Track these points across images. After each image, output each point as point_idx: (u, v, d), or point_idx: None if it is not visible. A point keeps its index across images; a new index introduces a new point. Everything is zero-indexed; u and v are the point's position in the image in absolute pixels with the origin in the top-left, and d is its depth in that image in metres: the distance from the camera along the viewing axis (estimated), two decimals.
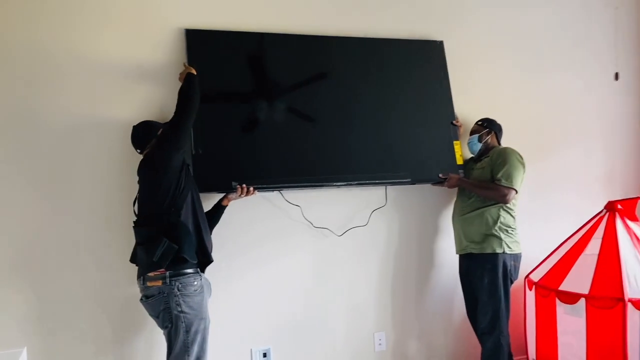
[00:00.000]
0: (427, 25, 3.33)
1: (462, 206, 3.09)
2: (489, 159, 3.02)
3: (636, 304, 2.69)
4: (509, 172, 2.90)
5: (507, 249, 2.93)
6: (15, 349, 2.27)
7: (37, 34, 2.62)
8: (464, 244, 3.05)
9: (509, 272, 2.96)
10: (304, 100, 2.98)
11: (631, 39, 3.69)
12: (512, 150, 2.99)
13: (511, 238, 2.97)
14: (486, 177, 2.99)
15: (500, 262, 2.92)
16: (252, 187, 2.74)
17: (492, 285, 2.94)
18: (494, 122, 3.16)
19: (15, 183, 2.59)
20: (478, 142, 3.11)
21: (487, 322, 2.97)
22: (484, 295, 2.97)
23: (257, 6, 2.98)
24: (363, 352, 3.19)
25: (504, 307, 2.95)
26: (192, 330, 2.39)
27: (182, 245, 2.36)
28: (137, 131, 2.54)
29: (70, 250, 2.67)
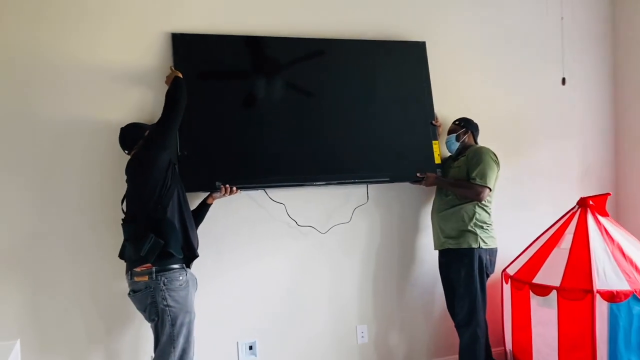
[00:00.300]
0: (409, 26, 3.41)
1: (440, 204, 3.20)
2: (465, 158, 3.13)
3: (604, 295, 2.81)
4: (483, 171, 3.01)
5: (483, 244, 3.05)
6: (9, 340, 2.38)
7: (31, 38, 2.72)
8: (441, 239, 3.17)
9: (484, 266, 3.07)
10: (286, 102, 3.08)
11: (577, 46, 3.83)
12: (486, 150, 3.10)
13: (487, 233, 3.08)
14: (462, 176, 3.10)
15: (476, 256, 3.04)
16: (235, 186, 2.85)
17: (468, 278, 3.05)
18: (471, 122, 3.26)
19: (8, 183, 2.69)
20: (456, 142, 3.21)
21: (464, 314, 3.09)
22: (461, 289, 3.09)
23: (241, 10, 3.08)
24: (346, 344, 3.31)
25: (480, 299, 3.07)
26: (178, 323, 2.50)
27: (168, 241, 2.46)
28: (125, 133, 2.65)
29: (62, 247, 2.78)
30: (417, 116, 3.31)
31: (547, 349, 3.01)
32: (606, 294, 2.81)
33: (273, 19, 3.13)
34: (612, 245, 3.01)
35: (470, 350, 3.08)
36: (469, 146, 3.21)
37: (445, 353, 3.49)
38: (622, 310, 2.80)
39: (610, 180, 3.96)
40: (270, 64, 3.08)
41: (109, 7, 2.85)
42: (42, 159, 2.75)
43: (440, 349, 3.50)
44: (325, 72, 3.18)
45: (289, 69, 3.11)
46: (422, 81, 3.36)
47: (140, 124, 2.70)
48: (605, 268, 2.92)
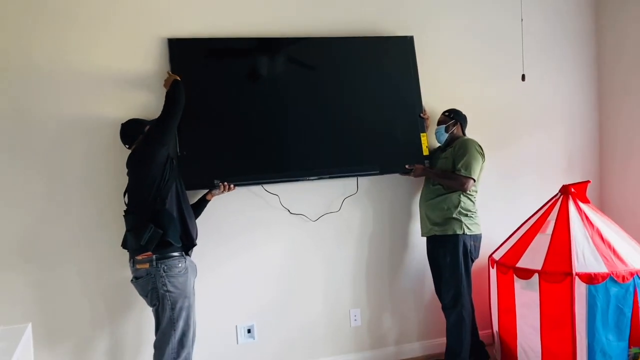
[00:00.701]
0: (397, 21, 3.53)
1: (427, 193, 3.35)
2: (453, 149, 3.27)
3: (583, 277, 2.95)
4: (468, 162, 3.16)
5: (467, 230, 3.20)
6: (21, 324, 2.53)
7: (33, 41, 2.87)
8: (428, 227, 3.32)
9: (469, 252, 3.22)
10: (279, 102, 3.22)
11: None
12: (472, 142, 3.24)
13: (471, 220, 3.23)
14: (449, 167, 3.24)
15: (461, 242, 3.19)
16: (232, 184, 3.01)
17: (453, 263, 3.21)
18: (459, 113, 3.39)
19: (18, 177, 2.87)
20: (445, 133, 3.34)
21: (450, 297, 3.25)
22: (447, 273, 3.24)
23: (232, 14, 3.20)
24: (340, 327, 3.47)
25: (465, 283, 3.22)
26: (177, 307, 2.66)
27: (167, 231, 2.62)
28: (126, 128, 2.81)
29: (68, 238, 2.95)
30: (406, 109, 3.44)
31: (530, 329, 3.16)
32: (585, 276, 2.95)
33: (264, 20, 3.26)
34: (591, 230, 3.15)
35: (457, 331, 3.25)
36: (457, 137, 3.34)
37: (435, 335, 3.65)
38: (600, 292, 2.94)
39: (593, 169, 4.09)
40: (261, 65, 3.21)
41: (108, 14, 2.99)
42: (48, 155, 2.91)
43: (431, 331, 3.67)
44: (316, 70, 3.31)
45: (280, 69, 3.25)
46: (410, 75, 3.47)
47: (140, 120, 2.85)
48: (585, 252, 3.06)
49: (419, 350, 3.64)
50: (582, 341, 2.97)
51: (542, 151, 3.93)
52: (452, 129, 3.34)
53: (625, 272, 2.97)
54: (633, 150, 3.89)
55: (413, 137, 3.42)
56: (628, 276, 2.96)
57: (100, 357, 3.01)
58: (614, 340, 2.96)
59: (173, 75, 2.86)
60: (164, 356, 2.67)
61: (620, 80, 3.96)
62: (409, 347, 3.63)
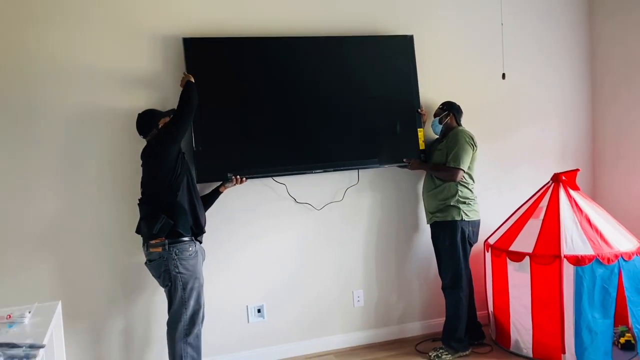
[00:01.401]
0: (397, 20, 3.72)
1: (428, 183, 3.55)
2: (446, 141, 3.47)
3: (570, 259, 3.15)
4: (457, 154, 3.35)
5: (465, 216, 3.40)
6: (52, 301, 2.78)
7: (50, 38, 3.08)
8: (430, 215, 3.52)
9: (467, 237, 3.42)
10: (286, 99, 3.43)
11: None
12: (462, 134, 3.42)
13: (469, 207, 3.42)
14: (442, 159, 3.44)
15: (459, 228, 3.39)
16: (243, 177, 3.24)
17: (452, 247, 3.41)
18: (453, 105, 3.56)
19: (41, 171, 3.10)
20: (439, 124, 3.54)
21: (449, 279, 3.46)
22: (446, 256, 3.45)
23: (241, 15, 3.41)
24: (344, 307, 3.70)
25: (463, 266, 3.43)
26: (188, 288, 2.88)
27: (178, 222, 2.83)
28: (141, 119, 3.00)
29: (88, 224, 3.18)
30: (404, 105, 3.64)
31: (522, 308, 3.37)
32: (572, 259, 3.15)
33: (271, 21, 3.45)
34: (580, 216, 3.34)
35: (454, 311, 3.46)
36: (452, 128, 3.52)
37: (435, 315, 3.88)
38: (587, 273, 3.13)
39: (586, 159, 4.27)
40: (269, 63, 3.41)
41: (123, 14, 3.20)
42: (68, 148, 3.14)
43: (431, 311, 3.89)
44: (320, 69, 3.51)
45: (287, 68, 3.44)
46: (409, 72, 3.66)
47: (155, 112, 3.03)
48: (573, 236, 3.25)
49: (419, 329, 3.87)
50: (569, 319, 3.17)
51: (537, 142, 4.12)
52: (445, 120, 3.53)
53: (610, 254, 3.16)
54: (624, 141, 4.07)
55: (411, 131, 3.63)
56: (613, 258, 3.15)
57: (116, 333, 3.26)
58: (600, 318, 3.16)
59: (188, 75, 3.05)
60: (176, 333, 2.90)
61: (612, 74, 4.13)
62: (410, 326, 3.85)
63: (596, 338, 3.15)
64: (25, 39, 3.04)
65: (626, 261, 3.18)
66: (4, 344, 2.07)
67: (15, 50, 3.03)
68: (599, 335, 3.15)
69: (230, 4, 3.39)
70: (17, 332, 2.26)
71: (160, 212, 2.82)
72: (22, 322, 2.37)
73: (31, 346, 2.05)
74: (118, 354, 3.27)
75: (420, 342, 3.71)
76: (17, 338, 2.16)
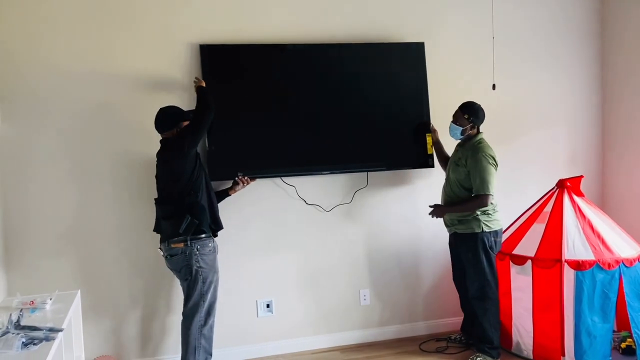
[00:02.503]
0: (408, 27, 3.81)
1: (446, 195, 3.51)
2: (465, 155, 3.36)
3: (571, 264, 3.21)
4: (484, 179, 3.26)
5: (486, 227, 3.32)
6: (72, 290, 2.97)
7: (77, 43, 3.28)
8: (449, 225, 3.50)
9: (489, 247, 3.36)
10: (297, 103, 3.56)
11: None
12: (484, 156, 3.29)
13: (490, 217, 3.35)
14: (460, 177, 3.38)
15: (480, 239, 3.33)
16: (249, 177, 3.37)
17: (475, 259, 3.36)
18: (479, 113, 3.39)
19: (65, 170, 3.31)
20: (460, 135, 3.41)
21: (476, 290, 3.42)
22: (470, 268, 3.42)
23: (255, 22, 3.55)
24: (350, 305, 3.82)
25: (489, 277, 3.37)
26: (207, 282, 3.05)
27: (201, 221, 2.98)
28: (164, 116, 3.09)
29: (107, 221, 3.37)
30: (414, 111, 3.74)
31: (523, 311, 3.44)
32: (573, 263, 3.21)
33: (285, 28, 3.58)
34: (583, 221, 3.40)
35: (487, 324, 3.42)
36: (471, 136, 3.41)
37: (440, 315, 3.97)
38: (587, 277, 3.19)
39: (595, 165, 4.31)
40: (282, 69, 3.55)
41: (144, 22, 3.39)
42: (88, 148, 3.32)
43: (436, 312, 3.98)
44: (332, 74, 3.63)
45: (299, 73, 3.58)
46: (419, 79, 3.75)
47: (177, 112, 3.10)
48: (575, 241, 3.31)
49: (424, 328, 3.95)
50: (569, 322, 3.24)
51: (547, 149, 4.17)
52: (468, 132, 3.41)
53: (611, 260, 3.21)
54: (634, 147, 4.09)
55: (419, 136, 3.73)
56: (614, 264, 3.20)
57: (135, 323, 3.45)
58: (599, 322, 3.21)
59: (200, 80, 3.20)
60: (193, 323, 3.05)
61: (622, 78, 4.15)
62: (415, 326, 3.95)
63: (595, 342, 3.20)
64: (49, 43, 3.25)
65: (627, 267, 3.23)
66: (27, 327, 2.26)
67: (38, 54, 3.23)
68: (598, 339, 3.21)
69: (246, 12, 3.54)
70: (39, 317, 2.45)
71: (184, 211, 2.95)
72: (44, 308, 2.57)
73: (51, 329, 2.24)
74: (136, 343, 3.46)
75: (425, 342, 3.80)
76: (38, 322, 2.35)
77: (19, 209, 3.22)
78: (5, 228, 3.19)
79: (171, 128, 3.07)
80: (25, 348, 2.04)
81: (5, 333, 2.14)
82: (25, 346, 2.05)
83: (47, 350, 2.03)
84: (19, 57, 3.19)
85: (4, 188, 3.19)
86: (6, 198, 3.19)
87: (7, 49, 3.17)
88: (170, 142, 3.06)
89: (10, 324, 2.21)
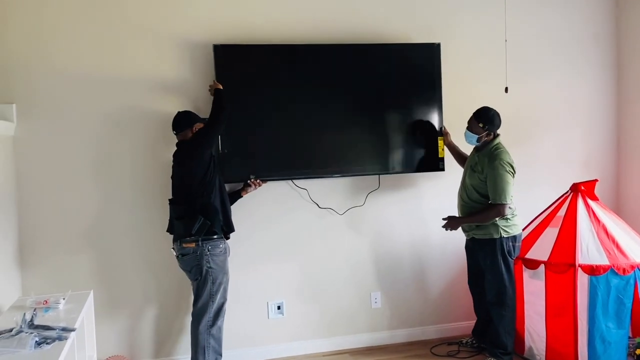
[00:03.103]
0: (421, 29, 3.80)
1: (463, 199, 3.48)
2: (482, 163, 3.32)
3: (585, 268, 3.17)
4: (500, 188, 3.22)
5: (504, 233, 3.29)
6: (84, 290, 3.00)
7: (92, 46, 3.32)
8: (467, 230, 3.48)
9: (507, 253, 3.32)
10: (310, 105, 3.56)
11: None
12: (502, 163, 3.24)
13: (508, 222, 3.31)
14: (476, 183, 3.35)
15: (498, 245, 3.30)
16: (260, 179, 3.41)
17: (493, 265, 3.33)
18: (494, 121, 3.31)
19: (77, 172, 3.34)
20: (476, 142, 3.36)
21: (493, 295, 3.39)
22: (488, 274, 3.39)
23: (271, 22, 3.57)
24: (361, 308, 3.82)
25: (507, 282, 3.34)
26: (217, 282, 3.07)
27: (213, 222, 3.01)
28: (180, 116, 3.15)
29: (121, 221, 3.40)
30: (427, 113, 3.72)
31: (536, 316, 3.41)
32: (587, 268, 3.17)
33: (299, 29, 3.59)
34: (597, 226, 3.36)
35: (497, 328, 3.39)
36: (488, 142, 3.35)
37: (451, 319, 3.95)
38: (601, 283, 3.15)
39: (611, 168, 4.26)
40: (295, 69, 3.56)
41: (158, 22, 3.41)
42: (104, 150, 3.36)
43: (447, 315, 3.96)
44: (345, 75, 3.61)
45: (312, 75, 3.58)
46: (433, 80, 3.72)
47: (193, 115, 3.19)
48: (589, 245, 3.27)
49: (435, 332, 3.93)
50: (583, 328, 3.20)
51: (560, 151, 4.13)
52: (484, 140, 3.36)
53: (626, 265, 3.17)
54: None
55: (431, 139, 3.72)
56: (629, 269, 3.17)
57: (148, 323, 3.47)
58: (614, 328, 3.18)
59: (216, 83, 3.23)
60: (201, 324, 3.08)
61: (638, 81, 4.10)
62: (426, 329, 3.93)
63: (609, 348, 3.17)
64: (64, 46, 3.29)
65: None
66: (40, 326, 2.29)
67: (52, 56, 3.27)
68: (613, 345, 3.17)
69: (259, 12, 3.55)
70: (52, 317, 2.48)
71: (196, 212, 2.98)
72: (57, 308, 2.60)
73: (64, 329, 2.26)
74: (149, 343, 3.48)
75: (436, 345, 3.78)
76: (51, 321, 2.38)
77: (34, 210, 3.26)
78: (21, 228, 3.23)
79: (186, 128, 3.11)
80: (39, 347, 2.07)
81: (19, 332, 2.18)
82: (38, 345, 2.07)
83: (59, 349, 2.06)
84: (35, 60, 3.23)
85: (20, 189, 3.23)
86: (22, 199, 3.23)
87: (22, 51, 3.21)
88: (185, 143, 3.10)
89: (24, 323, 2.24)
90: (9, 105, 3.16)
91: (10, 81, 3.19)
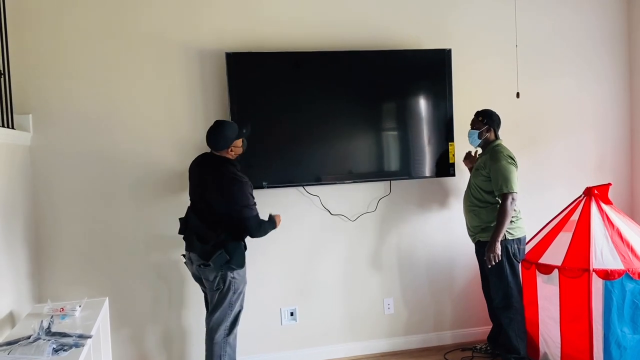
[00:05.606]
0: (430, 35, 3.81)
1: (467, 202, 3.52)
2: (484, 161, 3.40)
3: (600, 273, 3.15)
4: (505, 178, 3.27)
5: (509, 235, 3.33)
6: (100, 298, 3.04)
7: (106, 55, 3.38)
8: (472, 233, 3.51)
9: (512, 255, 3.37)
10: (322, 112, 3.57)
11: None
12: (502, 156, 3.32)
13: (512, 224, 3.34)
14: (482, 182, 3.38)
15: (503, 247, 3.31)
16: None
17: (499, 268, 3.35)
18: (493, 117, 3.46)
19: (91, 185, 3.39)
20: (478, 139, 3.47)
21: (500, 299, 3.41)
22: (494, 277, 3.41)
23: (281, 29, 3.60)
24: (374, 314, 3.82)
25: (513, 285, 3.37)
26: (238, 292, 3.06)
27: (232, 258, 2.97)
28: (217, 134, 3.03)
29: (135, 230, 3.44)
30: (437, 118, 3.73)
31: (550, 320, 3.38)
32: (601, 273, 3.15)
33: (310, 35, 3.61)
34: (611, 230, 3.33)
35: (508, 331, 3.42)
36: (490, 142, 3.47)
37: (466, 325, 3.94)
38: (616, 287, 3.12)
39: (624, 172, 4.22)
40: (307, 77, 3.58)
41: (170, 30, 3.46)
42: (120, 165, 3.40)
43: (462, 321, 3.95)
44: (357, 81, 3.62)
45: (323, 81, 3.60)
46: (444, 86, 3.72)
47: (228, 134, 3.04)
48: (603, 250, 3.24)
49: (449, 338, 3.92)
50: (598, 333, 3.17)
51: (573, 155, 4.11)
52: (485, 135, 3.46)
53: None
54: None
55: (442, 145, 3.72)
56: None
57: (160, 330, 3.50)
58: (630, 333, 3.15)
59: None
60: (218, 332, 3.06)
61: None
62: (440, 335, 3.92)
63: (625, 353, 3.13)
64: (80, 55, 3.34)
65: None
66: (57, 333, 2.32)
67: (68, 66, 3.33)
68: (629, 351, 3.14)
69: (270, 20, 3.58)
70: (69, 324, 2.52)
71: (218, 244, 2.95)
72: (73, 315, 2.63)
73: (80, 336, 2.29)
74: (162, 351, 3.51)
75: (450, 351, 3.77)
76: (68, 328, 2.41)
77: (50, 218, 3.31)
78: (38, 237, 3.28)
79: (223, 147, 3.06)
80: (56, 354, 2.10)
81: (37, 339, 2.21)
82: (55, 352, 2.10)
83: (76, 356, 2.08)
84: (50, 71, 3.28)
85: (36, 197, 3.28)
86: (38, 207, 3.28)
87: (38, 61, 3.26)
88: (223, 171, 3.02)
89: (41, 330, 2.27)
90: (25, 116, 3.22)
91: (27, 92, 3.25)
